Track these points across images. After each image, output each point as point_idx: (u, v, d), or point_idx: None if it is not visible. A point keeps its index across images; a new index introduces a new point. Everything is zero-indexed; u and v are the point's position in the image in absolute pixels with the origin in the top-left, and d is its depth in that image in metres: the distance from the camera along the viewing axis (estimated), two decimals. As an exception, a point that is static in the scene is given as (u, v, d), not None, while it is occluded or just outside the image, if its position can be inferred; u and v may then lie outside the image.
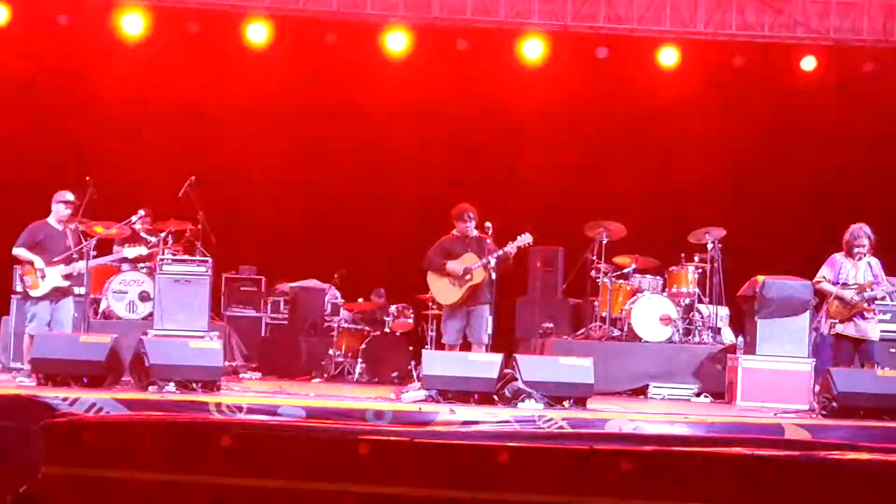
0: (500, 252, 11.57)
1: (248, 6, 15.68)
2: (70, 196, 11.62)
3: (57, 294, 11.48)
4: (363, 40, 15.96)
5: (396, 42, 15.83)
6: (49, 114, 15.77)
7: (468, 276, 11.51)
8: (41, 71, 15.78)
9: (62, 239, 11.57)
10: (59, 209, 11.59)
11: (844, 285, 11.35)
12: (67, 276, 11.47)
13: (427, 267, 11.79)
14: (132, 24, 15.52)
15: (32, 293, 11.44)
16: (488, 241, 11.72)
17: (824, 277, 11.49)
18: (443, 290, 11.70)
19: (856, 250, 11.42)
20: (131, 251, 12.06)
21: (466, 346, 11.84)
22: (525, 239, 11.66)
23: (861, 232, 11.46)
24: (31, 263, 11.39)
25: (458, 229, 11.78)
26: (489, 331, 11.68)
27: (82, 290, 12.09)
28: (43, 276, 11.40)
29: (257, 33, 15.74)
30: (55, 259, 11.42)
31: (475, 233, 11.73)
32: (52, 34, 15.62)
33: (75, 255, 11.47)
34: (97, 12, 15.67)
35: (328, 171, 16.51)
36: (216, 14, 15.74)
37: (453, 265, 11.60)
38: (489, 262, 11.52)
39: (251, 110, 16.28)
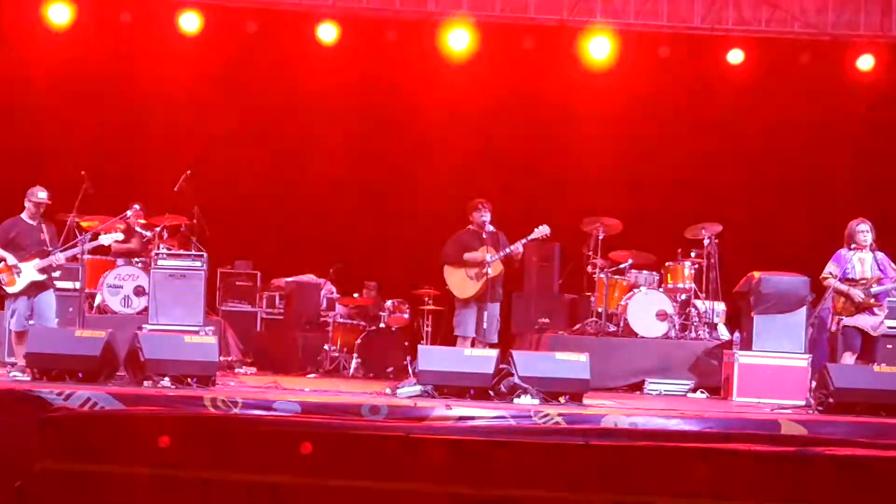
0: (509, 249, 11.56)
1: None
2: (42, 195, 11.52)
3: (35, 289, 11.41)
4: (363, 34, 15.95)
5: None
6: (44, 109, 15.72)
7: (485, 270, 11.48)
8: (34, 67, 15.72)
9: (36, 233, 11.51)
10: (30, 207, 11.54)
11: (852, 281, 11.32)
12: (43, 270, 11.41)
13: (443, 261, 11.77)
14: (126, 19, 15.51)
15: (9, 290, 11.36)
16: (502, 235, 11.72)
17: (831, 274, 11.44)
18: (460, 284, 11.69)
19: (860, 238, 11.35)
20: (107, 237, 12.01)
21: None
22: (542, 231, 11.69)
23: (860, 220, 11.42)
24: (4, 261, 11.33)
25: (474, 222, 11.76)
26: (497, 328, 11.74)
27: (67, 285, 12.12)
28: (18, 273, 11.34)
29: (251, 27, 15.74)
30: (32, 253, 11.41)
31: (491, 228, 11.71)
32: (48, 28, 15.58)
33: (51, 249, 11.43)
34: (94, 6, 15.66)
35: (323, 165, 16.47)
36: (215, 7, 15.72)
37: (470, 258, 11.59)
38: (505, 256, 11.52)
39: (245, 104, 16.24)
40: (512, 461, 7.66)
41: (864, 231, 11.38)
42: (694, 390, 13.07)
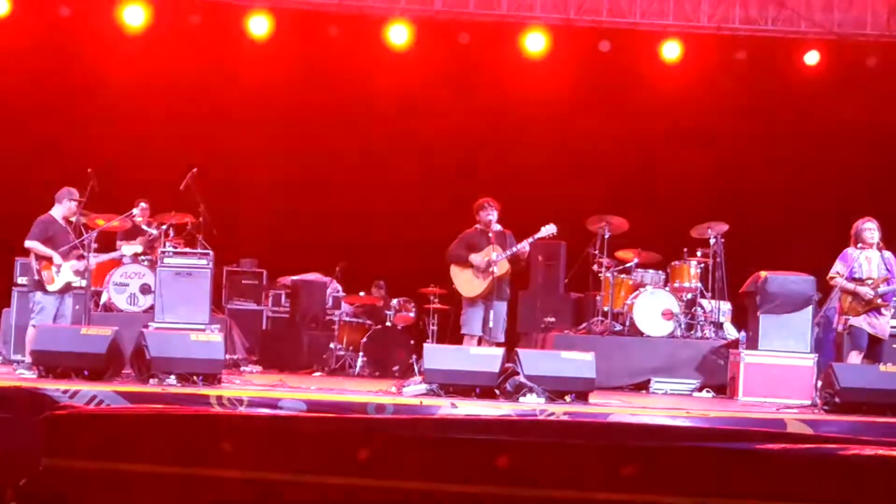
0: (515, 248, 11.55)
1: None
2: (78, 194, 11.65)
3: (66, 290, 11.56)
4: (366, 33, 15.94)
5: (398, 35, 15.81)
6: (50, 106, 15.75)
7: (492, 269, 11.48)
8: (42, 63, 15.75)
9: (67, 234, 11.63)
10: (72, 207, 11.62)
11: (858, 280, 11.30)
12: (79, 272, 11.51)
13: (449, 260, 11.76)
14: (134, 16, 15.51)
15: (49, 287, 11.44)
16: (510, 234, 11.72)
17: (838, 273, 11.41)
18: (467, 283, 11.66)
19: (867, 236, 11.33)
20: (129, 248, 12.11)
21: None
22: (548, 230, 11.67)
23: (866, 219, 11.40)
24: (50, 259, 11.39)
25: (481, 221, 11.74)
26: (504, 327, 11.73)
27: (83, 283, 12.13)
28: (58, 272, 11.43)
29: (259, 25, 15.74)
30: (62, 252, 11.47)
31: (498, 227, 11.70)
32: (54, 25, 15.61)
33: (82, 252, 11.51)
34: (99, 3, 15.67)
35: (330, 163, 16.50)
36: (218, 6, 15.74)
37: (476, 258, 11.58)
38: (512, 255, 11.52)
39: (252, 102, 16.26)
40: (512, 461, 7.65)
41: (870, 229, 11.37)
42: (700, 389, 13.08)
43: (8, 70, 15.64)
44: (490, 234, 11.63)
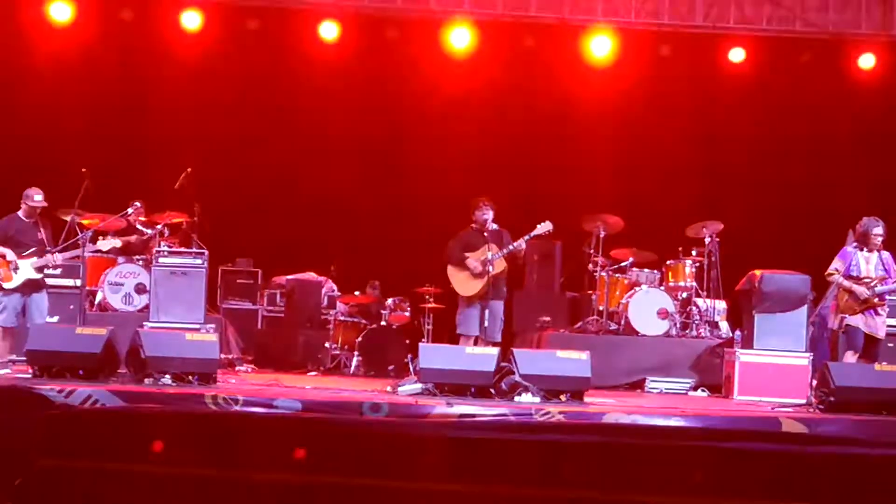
0: (511, 247, 11.56)
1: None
2: (38, 198, 11.48)
3: (30, 287, 11.39)
4: (358, 35, 15.95)
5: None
6: (46, 106, 15.72)
7: (488, 268, 11.48)
8: (35, 67, 15.73)
9: (34, 232, 11.52)
10: (25, 209, 11.54)
11: (856, 279, 11.31)
12: (40, 269, 11.41)
13: (447, 260, 11.78)
14: (127, 16, 15.51)
15: (5, 285, 11.35)
16: (506, 233, 11.72)
17: (836, 270, 11.43)
18: (464, 282, 11.66)
19: (874, 240, 11.35)
20: (105, 244, 12.02)
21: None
22: (544, 227, 11.68)
23: (877, 222, 11.43)
24: (3, 256, 11.33)
25: (476, 221, 11.76)
26: (501, 327, 11.73)
27: (68, 282, 12.14)
28: (15, 269, 11.33)
29: (253, 21, 15.75)
30: (28, 252, 11.40)
31: (494, 226, 11.71)
32: (49, 29, 15.59)
33: (49, 249, 11.44)
34: (93, 5, 15.66)
35: (325, 163, 16.46)
36: (212, 6, 15.74)
37: (472, 260, 11.58)
38: (509, 253, 11.52)
39: (247, 101, 16.24)
40: (512, 461, 7.65)
41: (878, 235, 11.39)
42: (695, 389, 13.07)
43: (0, 73, 15.63)
44: (486, 234, 11.64)
